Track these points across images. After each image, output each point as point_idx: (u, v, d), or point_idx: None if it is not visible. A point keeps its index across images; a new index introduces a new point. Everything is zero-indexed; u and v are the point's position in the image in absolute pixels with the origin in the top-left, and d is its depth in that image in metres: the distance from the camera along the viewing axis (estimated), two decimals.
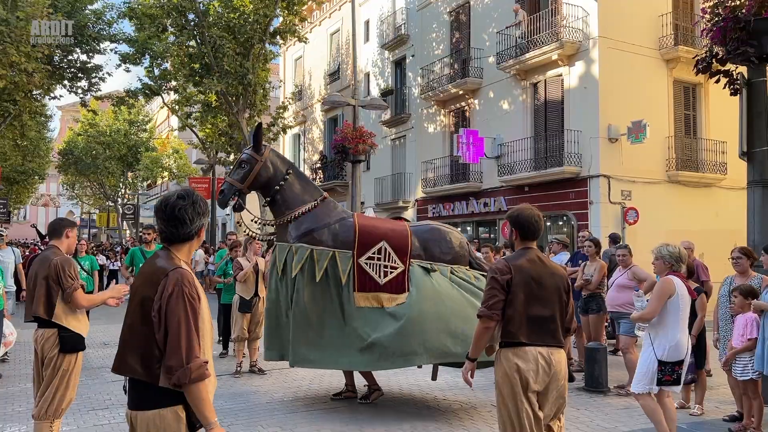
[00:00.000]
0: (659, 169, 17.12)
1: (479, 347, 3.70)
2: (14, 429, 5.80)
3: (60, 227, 4.81)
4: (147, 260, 2.73)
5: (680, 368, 4.98)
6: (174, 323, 2.41)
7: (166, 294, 2.43)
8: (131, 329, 2.51)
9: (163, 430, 2.43)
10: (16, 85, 18.42)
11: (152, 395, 2.44)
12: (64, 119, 61.73)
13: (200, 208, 2.65)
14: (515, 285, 3.60)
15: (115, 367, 2.56)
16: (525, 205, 3.95)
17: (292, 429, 5.77)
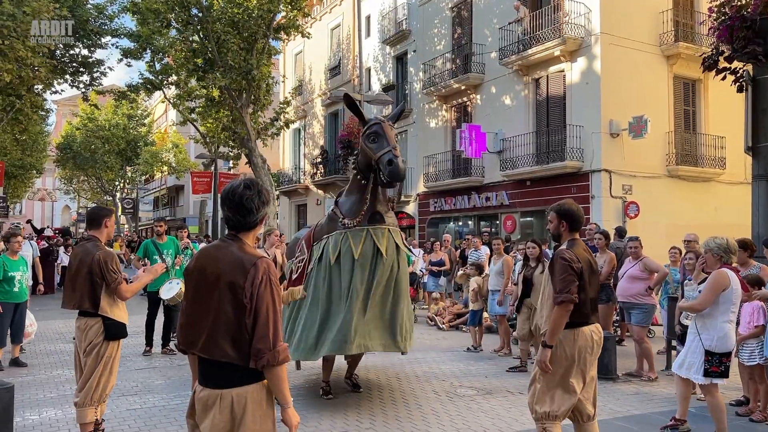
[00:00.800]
0: (659, 163, 17.38)
1: (559, 332, 4.01)
2: (50, 413, 5.99)
3: (99, 217, 4.89)
4: (215, 246, 2.83)
5: (728, 360, 5.13)
6: (263, 309, 2.61)
7: (257, 281, 2.61)
8: (220, 314, 2.63)
9: (260, 402, 2.64)
10: (21, 79, 18.50)
11: (246, 372, 2.63)
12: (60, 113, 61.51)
13: (265, 197, 2.82)
14: (584, 272, 4.03)
15: (203, 349, 2.66)
16: (568, 200, 4.31)
17: (318, 414, 5.99)
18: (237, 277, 2.64)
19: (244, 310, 2.61)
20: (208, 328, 2.66)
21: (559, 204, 4.28)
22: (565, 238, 4.21)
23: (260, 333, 2.60)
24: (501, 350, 9.39)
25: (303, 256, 6.58)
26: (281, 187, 31.46)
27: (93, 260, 4.63)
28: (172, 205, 50.76)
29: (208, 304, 2.70)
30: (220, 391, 2.63)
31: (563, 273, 3.99)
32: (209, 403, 2.65)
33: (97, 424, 4.76)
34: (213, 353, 2.64)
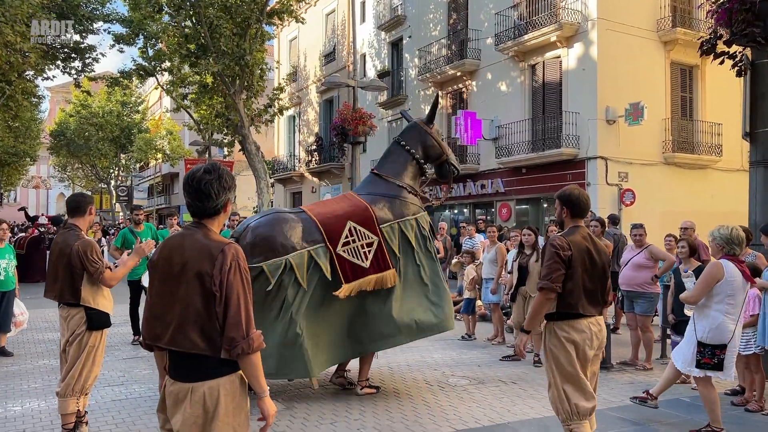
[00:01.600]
0: (656, 151, 17.27)
1: (538, 319, 3.99)
2: (33, 404, 5.88)
3: (83, 204, 4.76)
4: (180, 235, 2.71)
5: (722, 353, 4.97)
6: (234, 297, 2.50)
7: (225, 268, 2.50)
8: (188, 304, 2.53)
9: (233, 394, 2.53)
10: (11, 65, 18.24)
11: (214, 365, 2.52)
12: (54, 100, 61.06)
13: (225, 182, 2.67)
14: (574, 260, 3.89)
15: (171, 342, 2.56)
16: (573, 185, 4.19)
17: (307, 405, 5.89)
18: (204, 264, 2.52)
19: (213, 298, 2.50)
20: (176, 320, 2.55)
21: (562, 189, 4.18)
22: (567, 224, 4.10)
23: (232, 321, 2.49)
24: (494, 339, 9.31)
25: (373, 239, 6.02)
26: (276, 175, 31.29)
27: (72, 251, 4.50)
28: (166, 193, 50.50)
29: (174, 296, 2.58)
30: (191, 385, 2.52)
31: (549, 260, 3.91)
32: (180, 396, 2.55)
33: (79, 415, 4.66)
34: (182, 345, 2.53)
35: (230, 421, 2.54)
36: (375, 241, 6.02)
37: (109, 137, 38.53)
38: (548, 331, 4.00)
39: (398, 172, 6.52)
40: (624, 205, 16.57)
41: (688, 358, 5.13)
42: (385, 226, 6.13)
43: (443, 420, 5.46)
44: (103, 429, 5.18)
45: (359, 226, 6.02)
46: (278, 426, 5.20)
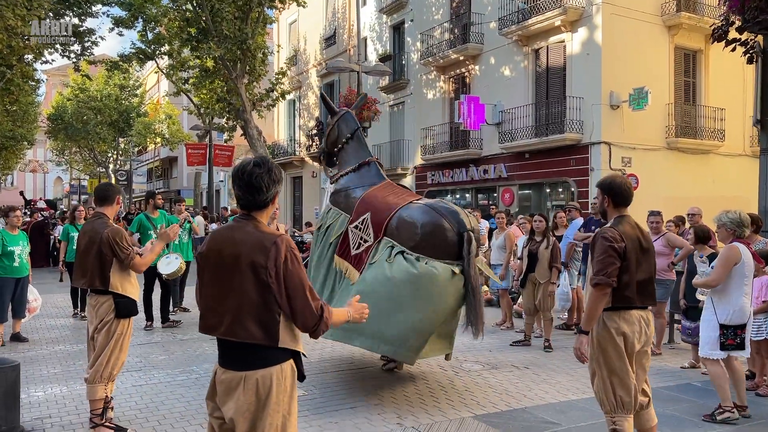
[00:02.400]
0: (659, 136, 17.30)
1: (595, 318, 3.80)
2: (55, 390, 5.95)
3: (112, 194, 4.86)
4: (230, 227, 2.75)
5: (743, 332, 5.14)
6: (297, 287, 2.60)
7: (280, 261, 2.57)
8: (244, 296, 2.59)
9: (284, 382, 2.62)
10: (11, 49, 18.10)
11: (271, 354, 2.60)
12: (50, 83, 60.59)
13: (275, 175, 2.73)
14: (629, 251, 3.76)
15: (225, 332, 2.63)
16: (616, 173, 4.06)
17: (325, 390, 5.98)
18: (258, 257, 2.59)
19: (269, 289, 2.58)
20: (233, 311, 2.62)
21: (603, 178, 4.05)
22: (611, 214, 3.96)
23: (304, 311, 2.61)
24: (503, 324, 9.40)
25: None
26: (276, 159, 31.21)
27: (102, 238, 4.57)
28: (165, 177, 50.40)
29: (228, 287, 2.65)
30: (244, 373, 2.60)
31: (602, 254, 3.75)
32: (232, 385, 2.62)
33: (106, 400, 4.73)
34: (239, 335, 2.60)
35: (281, 408, 2.62)
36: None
37: (108, 121, 38.30)
38: (597, 324, 3.87)
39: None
40: None
41: (712, 342, 5.21)
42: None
43: (461, 405, 5.56)
44: (128, 414, 5.25)
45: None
46: (299, 410, 5.26)
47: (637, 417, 3.98)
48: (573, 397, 5.80)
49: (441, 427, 4.96)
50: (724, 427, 5.06)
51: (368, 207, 6.19)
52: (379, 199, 6.25)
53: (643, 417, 4.00)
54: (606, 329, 3.82)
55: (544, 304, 7.89)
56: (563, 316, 9.61)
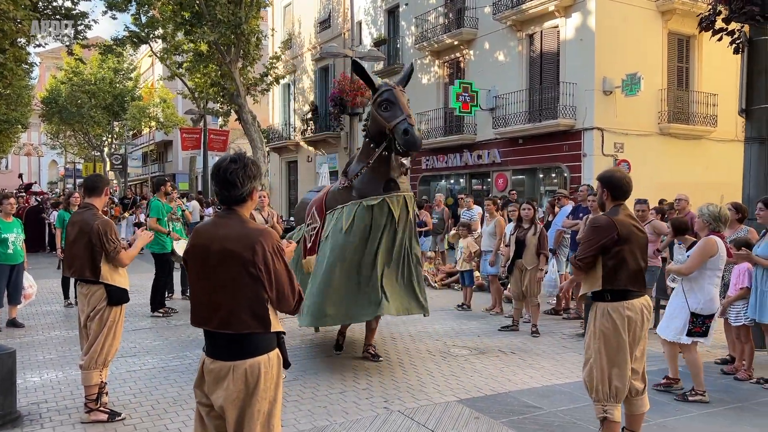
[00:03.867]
0: (651, 121, 17.38)
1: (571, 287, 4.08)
2: (51, 375, 6.08)
3: (100, 185, 4.95)
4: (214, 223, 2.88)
5: (710, 321, 5.37)
6: (283, 280, 2.79)
7: (268, 257, 2.73)
8: (236, 289, 2.72)
9: (271, 371, 2.76)
10: (4, 33, 18.03)
11: (261, 343, 2.75)
12: (43, 66, 60.14)
13: (251, 171, 2.83)
14: (622, 239, 3.88)
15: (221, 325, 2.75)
16: (616, 168, 4.21)
17: (316, 375, 6.12)
18: (245, 252, 2.71)
19: (259, 282, 2.72)
20: (226, 305, 2.75)
21: (603, 171, 4.20)
22: (609, 205, 4.08)
23: (284, 299, 2.82)
24: (492, 309, 9.56)
25: (316, 225, 6.57)
26: (271, 144, 31.21)
27: (92, 230, 4.67)
28: (160, 161, 50.31)
29: (217, 281, 2.77)
30: (233, 363, 2.73)
31: (584, 240, 4.01)
32: (221, 374, 2.74)
33: (101, 386, 4.86)
34: (236, 327, 2.73)
35: (268, 396, 2.76)
36: (317, 226, 6.58)
37: (102, 105, 38.15)
38: (600, 313, 3.96)
39: (356, 160, 6.50)
40: None
41: (679, 328, 5.42)
42: (329, 212, 6.47)
43: (447, 389, 5.71)
44: (122, 399, 5.39)
45: (315, 211, 6.70)
46: (290, 395, 5.43)
47: (629, 402, 4.09)
48: (556, 382, 5.96)
49: (426, 411, 5.12)
50: (699, 408, 5.22)
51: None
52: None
53: (636, 403, 4.10)
54: (610, 320, 3.91)
55: (531, 290, 8.03)
56: (552, 302, 9.77)
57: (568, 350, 7.22)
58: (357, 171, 6.26)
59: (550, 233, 9.63)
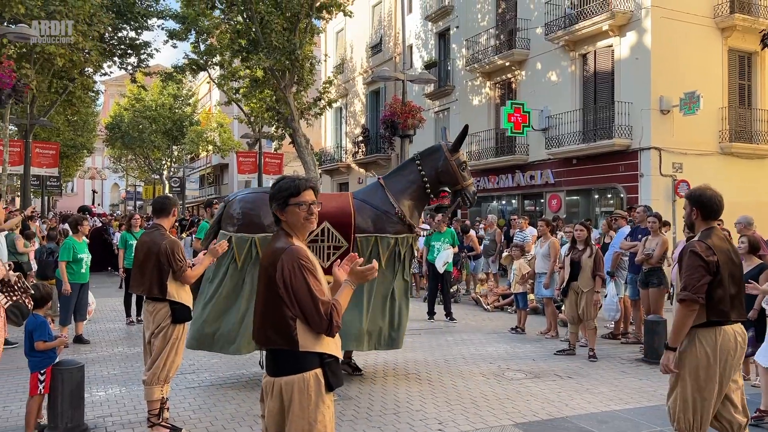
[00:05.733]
0: (712, 140, 16.89)
1: (683, 334, 3.63)
2: (115, 390, 6.29)
3: (168, 206, 5.16)
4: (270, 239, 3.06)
5: None
6: (305, 295, 2.73)
7: (286, 274, 2.74)
8: (266, 305, 2.82)
9: (307, 391, 2.75)
10: (73, 63, 19.02)
11: (294, 362, 2.76)
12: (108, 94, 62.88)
13: (272, 193, 2.95)
14: (721, 265, 3.62)
15: (256, 339, 2.91)
16: (705, 185, 3.92)
17: (368, 396, 6.13)
18: (270, 268, 2.80)
19: (279, 298, 2.74)
20: (258, 319, 2.86)
21: (691, 189, 3.91)
22: (699, 227, 3.81)
23: (313, 320, 2.74)
24: (547, 333, 9.39)
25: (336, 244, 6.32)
26: (323, 166, 31.69)
27: (160, 249, 4.85)
28: (217, 184, 51.66)
29: (258, 296, 2.91)
30: (273, 379, 2.80)
31: (690, 269, 3.60)
32: (267, 389, 2.85)
33: (162, 401, 5.00)
34: (264, 342, 2.84)
35: (305, 416, 2.74)
36: (344, 247, 6.35)
37: (162, 129, 39.58)
38: (689, 338, 3.66)
39: (401, 189, 6.76)
40: (679, 197, 16.27)
41: None
42: (362, 236, 6.44)
43: (502, 413, 5.63)
44: (182, 415, 5.53)
45: (333, 228, 6.36)
46: (344, 415, 5.46)
47: None
48: (615, 408, 5.80)
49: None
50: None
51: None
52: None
53: None
54: (700, 347, 3.63)
55: (588, 313, 7.86)
56: (609, 326, 9.54)
57: (627, 375, 7.01)
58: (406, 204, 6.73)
59: (608, 255, 9.44)
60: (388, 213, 6.57)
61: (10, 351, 7.48)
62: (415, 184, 6.78)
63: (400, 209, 6.59)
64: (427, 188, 6.80)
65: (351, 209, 6.47)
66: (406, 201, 6.70)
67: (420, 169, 6.79)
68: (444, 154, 6.79)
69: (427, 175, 6.77)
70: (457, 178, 6.81)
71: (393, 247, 6.50)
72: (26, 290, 4.89)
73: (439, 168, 6.78)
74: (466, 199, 6.91)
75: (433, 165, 6.80)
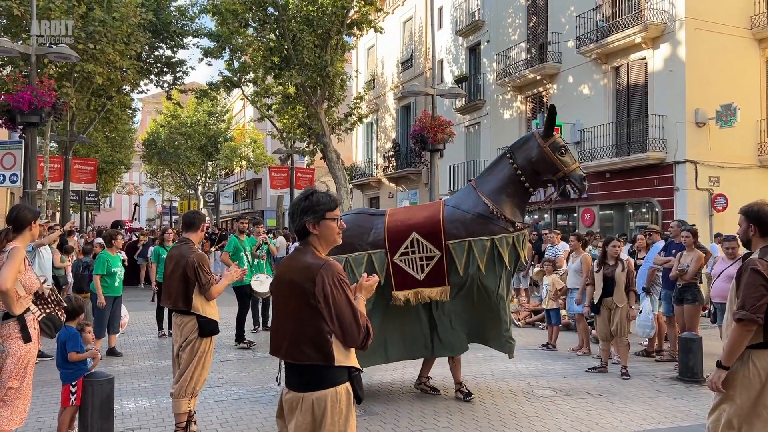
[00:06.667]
0: (750, 153, 16.51)
1: (738, 354, 3.49)
2: (144, 402, 6.38)
3: (197, 221, 5.25)
4: (290, 256, 3.02)
5: None
6: (346, 310, 2.76)
7: (327, 289, 2.74)
8: (299, 319, 2.80)
9: (339, 405, 2.76)
10: (111, 81, 19.55)
11: (326, 376, 2.76)
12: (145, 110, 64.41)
13: (301, 206, 2.92)
14: None
15: (285, 355, 2.85)
16: (762, 201, 3.78)
17: (396, 412, 6.09)
18: (306, 283, 2.77)
19: (319, 314, 2.74)
20: (290, 335, 2.82)
21: (748, 205, 3.74)
22: (757, 244, 3.64)
23: (350, 334, 2.77)
24: (579, 349, 9.21)
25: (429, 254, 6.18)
26: (354, 181, 31.86)
27: (187, 263, 4.92)
28: (250, 198, 52.34)
29: (286, 311, 2.87)
30: (302, 394, 2.78)
31: (750, 287, 3.43)
32: (293, 405, 2.81)
33: (190, 414, 5.04)
34: (296, 357, 2.80)
35: (336, 429, 2.76)
36: (436, 255, 6.16)
37: (197, 146, 40.32)
38: (742, 359, 3.51)
39: (494, 188, 6.36)
40: (716, 211, 15.91)
41: None
42: (454, 242, 6.17)
43: (530, 430, 5.53)
44: (209, 428, 5.56)
45: (423, 238, 6.21)
46: (370, 431, 5.42)
47: None
48: (648, 427, 5.65)
49: None
50: None
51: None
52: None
53: None
54: (753, 368, 3.48)
55: (622, 329, 7.69)
56: (643, 343, 9.32)
57: (661, 394, 6.83)
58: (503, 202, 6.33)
59: (643, 270, 9.25)
60: (482, 214, 6.24)
61: (44, 363, 7.66)
62: (509, 179, 6.36)
63: (495, 208, 6.23)
64: (524, 181, 6.32)
65: (440, 217, 6.28)
66: (503, 198, 6.30)
67: (512, 162, 6.37)
68: (536, 141, 6.34)
69: (521, 167, 6.31)
70: (555, 164, 6.30)
71: (491, 249, 6.16)
72: (59, 303, 4.99)
73: (533, 158, 6.32)
74: (574, 185, 6.38)
75: (526, 156, 6.35)
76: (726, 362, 3.51)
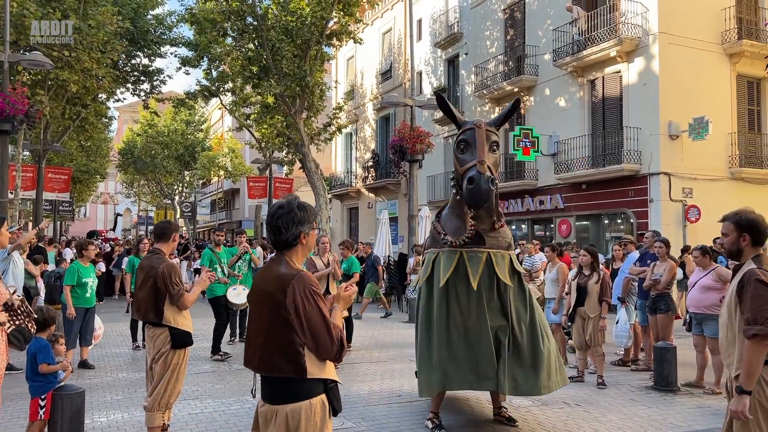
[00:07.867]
0: (722, 165, 16.81)
1: (757, 374, 3.22)
2: (117, 416, 6.25)
3: (169, 231, 5.15)
4: (266, 266, 2.99)
5: None
6: (318, 322, 2.72)
7: (298, 300, 2.70)
8: (270, 332, 2.76)
9: (314, 417, 2.72)
10: (87, 89, 19.32)
11: (301, 389, 2.72)
12: (121, 119, 63.75)
13: (296, 216, 2.87)
14: None
15: (257, 367, 2.82)
16: (749, 208, 3.60)
17: (369, 424, 6.05)
18: (278, 295, 2.74)
19: (291, 326, 2.70)
20: (261, 346, 2.79)
21: (737, 213, 3.53)
22: (748, 254, 3.46)
23: (323, 344, 2.73)
24: None
25: None
26: (333, 191, 31.82)
27: (157, 273, 4.83)
28: (228, 208, 51.97)
29: (259, 323, 2.84)
30: (276, 407, 2.74)
31: (758, 299, 3.21)
32: (268, 417, 2.78)
33: (163, 428, 4.95)
34: (270, 370, 2.76)
35: None
36: None
37: (174, 155, 40.00)
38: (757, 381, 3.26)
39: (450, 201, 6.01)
40: (689, 222, 16.17)
41: None
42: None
43: None
44: None
45: None
46: None
47: None
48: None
49: None
50: None
51: None
52: None
53: None
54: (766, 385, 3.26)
55: (595, 339, 7.75)
56: (619, 352, 9.39)
57: (637, 403, 6.88)
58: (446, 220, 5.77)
59: (618, 281, 9.34)
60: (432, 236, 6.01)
61: (13, 376, 7.49)
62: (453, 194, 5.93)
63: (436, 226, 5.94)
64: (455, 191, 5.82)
65: None
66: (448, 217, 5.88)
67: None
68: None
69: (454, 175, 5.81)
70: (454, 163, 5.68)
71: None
72: (29, 314, 4.89)
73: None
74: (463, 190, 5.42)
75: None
76: (747, 386, 3.21)
